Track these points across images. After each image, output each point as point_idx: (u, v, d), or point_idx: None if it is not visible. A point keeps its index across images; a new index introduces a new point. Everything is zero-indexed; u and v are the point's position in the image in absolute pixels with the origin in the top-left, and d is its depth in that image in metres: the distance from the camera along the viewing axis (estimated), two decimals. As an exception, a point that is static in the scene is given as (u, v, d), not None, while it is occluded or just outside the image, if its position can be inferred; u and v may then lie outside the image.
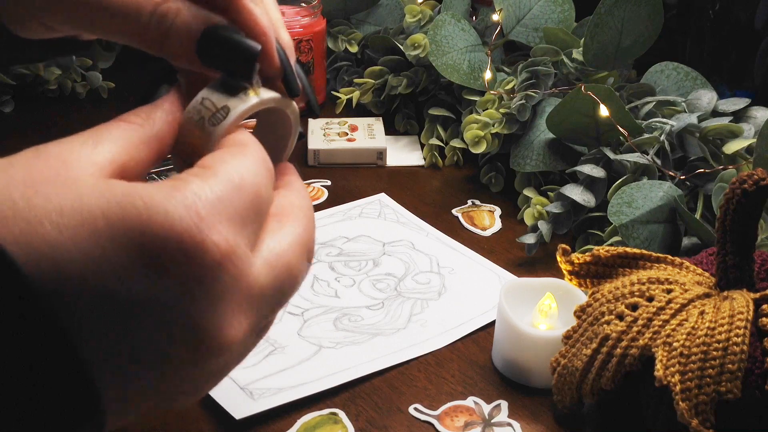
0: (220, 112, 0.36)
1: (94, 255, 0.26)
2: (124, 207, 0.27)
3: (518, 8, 0.87)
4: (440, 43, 0.84)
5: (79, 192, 0.27)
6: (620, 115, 0.70)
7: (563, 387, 0.52)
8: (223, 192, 0.30)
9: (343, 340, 0.60)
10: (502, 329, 0.57)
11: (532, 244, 0.70)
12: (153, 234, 0.27)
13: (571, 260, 0.55)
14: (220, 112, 0.36)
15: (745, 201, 0.48)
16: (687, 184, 0.68)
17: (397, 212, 0.77)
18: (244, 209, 0.30)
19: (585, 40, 0.78)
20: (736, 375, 0.45)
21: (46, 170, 0.28)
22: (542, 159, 0.77)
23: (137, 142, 0.32)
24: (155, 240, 0.27)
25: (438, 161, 0.86)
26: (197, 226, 0.28)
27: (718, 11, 0.89)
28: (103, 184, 0.28)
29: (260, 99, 0.37)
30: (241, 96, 0.36)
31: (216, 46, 0.35)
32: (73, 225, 0.26)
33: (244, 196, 0.31)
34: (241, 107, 0.36)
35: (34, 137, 0.31)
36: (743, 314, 0.46)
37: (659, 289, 0.50)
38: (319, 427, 0.53)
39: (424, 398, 0.55)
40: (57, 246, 0.26)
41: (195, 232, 0.28)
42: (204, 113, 0.36)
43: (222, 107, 0.36)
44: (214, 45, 0.35)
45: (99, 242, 0.27)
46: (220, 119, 0.35)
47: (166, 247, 0.27)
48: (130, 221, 0.27)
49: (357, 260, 0.70)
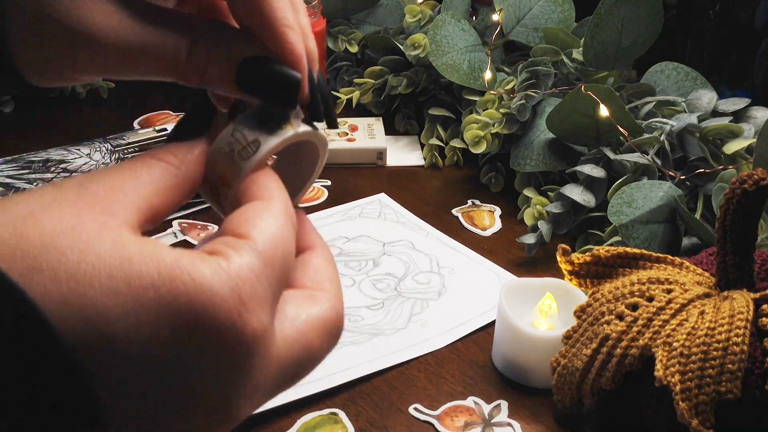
0: (251, 145, 0.35)
1: (139, 326, 0.27)
2: (173, 281, 0.28)
3: (518, 8, 0.87)
4: (440, 43, 0.84)
5: (128, 253, 0.28)
6: (620, 115, 0.70)
7: (563, 387, 0.52)
8: (260, 270, 0.31)
9: (343, 340, 0.60)
10: (502, 329, 0.57)
11: (532, 244, 0.70)
12: (197, 313, 0.28)
13: (571, 260, 0.55)
14: (251, 145, 0.35)
15: (745, 201, 0.48)
16: (687, 184, 0.68)
17: (397, 212, 0.77)
18: (276, 283, 0.32)
19: (585, 40, 0.78)
20: (736, 375, 0.45)
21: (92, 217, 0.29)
22: (542, 159, 0.77)
23: (171, 186, 0.33)
24: (199, 319, 0.28)
25: (438, 161, 0.86)
26: (239, 312, 0.29)
27: (718, 11, 0.89)
28: (151, 248, 0.29)
29: (294, 133, 0.36)
30: (273, 129, 0.36)
31: (255, 75, 0.36)
32: (123, 292, 0.27)
33: (276, 269, 0.32)
34: (272, 142, 0.35)
35: (34, 137, 0.31)
36: (743, 314, 0.46)
37: (659, 289, 0.50)
38: (319, 427, 0.53)
39: (424, 398, 0.55)
40: (104, 312, 0.27)
41: (236, 318, 0.29)
42: (234, 146, 0.35)
43: (253, 141, 0.35)
44: (254, 74, 0.36)
45: (145, 314, 0.28)
46: (251, 153, 0.35)
47: (207, 327, 0.28)
48: (178, 298, 0.28)
49: (357, 260, 0.70)
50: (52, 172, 0.81)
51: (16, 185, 0.78)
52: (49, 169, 0.81)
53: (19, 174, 0.80)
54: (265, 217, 0.33)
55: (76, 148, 0.85)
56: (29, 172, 0.81)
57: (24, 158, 0.83)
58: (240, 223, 0.32)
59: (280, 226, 0.33)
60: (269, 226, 0.33)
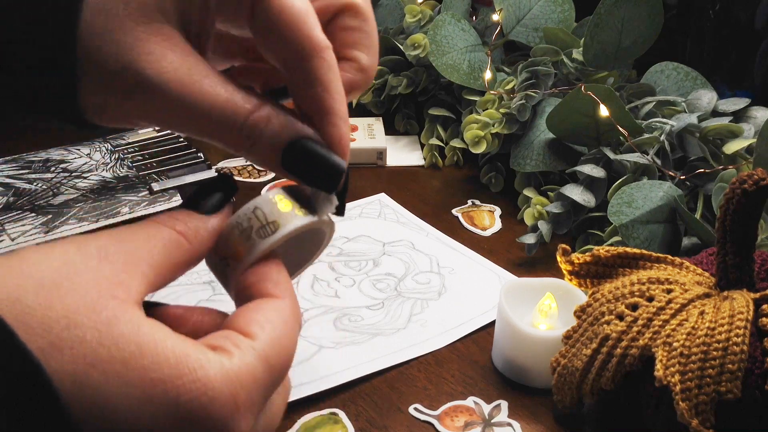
0: (269, 226, 0.35)
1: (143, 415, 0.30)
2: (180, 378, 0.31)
3: (518, 8, 0.87)
4: (440, 43, 0.84)
5: (142, 342, 0.30)
6: (620, 115, 0.70)
7: (563, 387, 0.52)
8: (260, 375, 0.33)
9: (343, 340, 0.60)
10: (502, 329, 0.57)
11: (532, 244, 0.70)
12: (196, 410, 0.31)
13: (571, 260, 0.55)
14: (269, 226, 0.35)
15: (745, 201, 0.48)
16: (687, 184, 0.68)
17: (397, 212, 0.77)
18: (272, 386, 0.34)
19: (585, 40, 0.78)
20: (736, 375, 0.45)
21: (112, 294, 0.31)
22: (542, 159, 0.77)
23: (180, 263, 0.35)
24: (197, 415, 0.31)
25: (438, 161, 0.86)
26: (232, 415, 0.32)
27: (718, 11, 0.89)
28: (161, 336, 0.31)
29: (310, 220, 0.36)
30: (294, 212, 0.36)
31: (301, 159, 0.37)
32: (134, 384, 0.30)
33: (275, 374, 0.34)
34: (290, 226, 0.36)
35: (35, 137, 0.31)
36: (743, 314, 0.46)
37: (659, 289, 0.50)
38: (319, 427, 0.53)
39: (424, 398, 0.55)
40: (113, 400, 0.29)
41: (229, 419, 0.32)
42: (253, 223, 0.35)
43: (272, 222, 0.35)
44: (300, 157, 0.37)
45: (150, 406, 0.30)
46: (268, 233, 0.35)
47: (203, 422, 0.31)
48: (182, 396, 0.31)
49: (357, 260, 0.70)
50: (52, 172, 0.81)
51: (16, 185, 0.78)
52: (49, 169, 0.81)
53: (19, 174, 0.80)
54: (274, 319, 0.35)
55: (76, 148, 0.85)
56: (29, 172, 0.81)
57: (24, 158, 0.83)
58: (249, 323, 0.34)
59: (287, 333, 0.35)
60: (276, 331, 0.34)
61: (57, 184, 0.78)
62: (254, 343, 0.33)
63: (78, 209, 0.74)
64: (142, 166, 0.82)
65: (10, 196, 0.76)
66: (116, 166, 0.82)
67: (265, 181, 0.81)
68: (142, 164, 0.82)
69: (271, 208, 0.36)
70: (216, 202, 0.37)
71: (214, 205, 0.36)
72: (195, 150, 0.84)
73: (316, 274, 0.68)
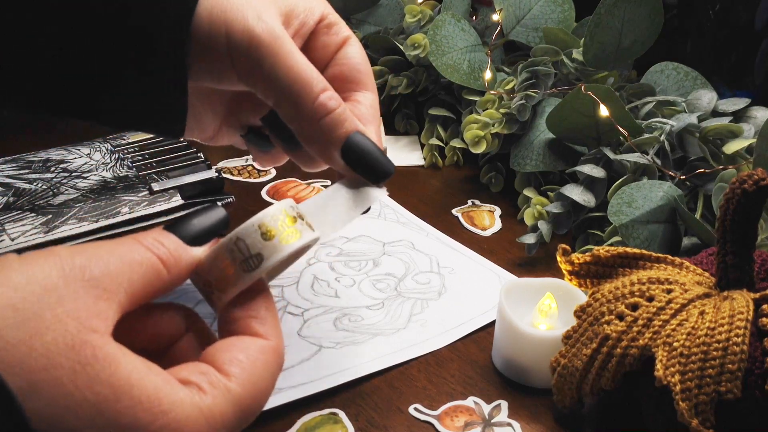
0: (253, 258, 0.35)
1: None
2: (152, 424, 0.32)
3: (518, 8, 0.87)
4: (440, 43, 0.84)
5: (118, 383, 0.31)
6: (620, 115, 0.70)
7: (563, 387, 0.52)
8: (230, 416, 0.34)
9: (343, 340, 0.60)
10: (502, 329, 0.57)
11: (532, 244, 0.70)
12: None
13: (571, 260, 0.55)
14: (253, 258, 0.35)
15: (745, 201, 0.48)
16: (687, 184, 0.68)
17: (397, 212, 0.77)
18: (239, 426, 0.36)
19: (585, 40, 0.78)
20: (736, 375, 0.45)
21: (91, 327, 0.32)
22: (542, 159, 0.77)
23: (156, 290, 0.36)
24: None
25: (438, 161, 0.86)
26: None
27: (718, 11, 0.89)
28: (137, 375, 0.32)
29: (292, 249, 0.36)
30: (275, 243, 0.35)
31: (358, 152, 0.45)
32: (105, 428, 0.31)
33: (245, 415, 0.36)
34: (274, 258, 0.35)
35: (35, 137, 0.31)
36: (743, 314, 0.46)
37: (659, 289, 0.50)
38: (319, 427, 0.53)
39: (424, 398, 0.55)
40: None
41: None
42: (237, 255, 0.35)
43: (256, 254, 0.35)
44: (358, 150, 0.45)
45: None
46: (253, 267, 0.35)
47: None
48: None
49: (357, 260, 0.70)
50: (52, 172, 0.81)
51: (16, 185, 0.78)
52: (49, 169, 0.81)
53: (19, 174, 0.80)
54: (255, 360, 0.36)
55: (76, 148, 0.85)
56: (29, 172, 0.81)
57: (24, 158, 0.83)
58: (230, 361, 0.35)
59: (266, 377, 0.36)
60: (255, 375, 0.35)
61: (57, 184, 0.78)
62: (230, 385, 0.34)
63: (78, 209, 0.74)
64: (142, 166, 0.82)
65: (10, 196, 0.76)
66: (116, 166, 0.82)
67: (265, 181, 0.81)
68: (142, 164, 0.82)
69: (254, 239, 0.35)
70: (204, 234, 0.37)
71: (201, 238, 0.36)
72: (195, 150, 0.84)
73: (316, 274, 0.68)
